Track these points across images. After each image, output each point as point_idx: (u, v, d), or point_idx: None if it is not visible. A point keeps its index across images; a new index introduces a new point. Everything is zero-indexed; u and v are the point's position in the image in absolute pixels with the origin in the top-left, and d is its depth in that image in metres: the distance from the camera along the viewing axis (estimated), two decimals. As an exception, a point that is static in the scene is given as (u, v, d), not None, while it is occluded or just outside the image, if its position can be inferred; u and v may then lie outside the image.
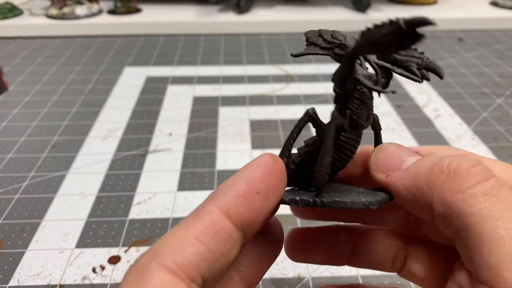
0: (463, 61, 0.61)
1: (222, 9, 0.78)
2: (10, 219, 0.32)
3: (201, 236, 0.12)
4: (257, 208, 0.14)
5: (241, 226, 0.13)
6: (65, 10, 0.74)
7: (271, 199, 0.14)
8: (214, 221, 0.12)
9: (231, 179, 0.14)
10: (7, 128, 0.44)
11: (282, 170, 0.15)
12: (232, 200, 0.13)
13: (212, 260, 0.12)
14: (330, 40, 0.17)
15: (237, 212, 0.13)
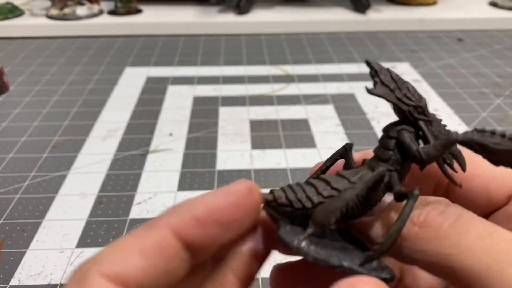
0: (463, 61, 0.61)
1: (222, 10, 0.79)
2: (11, 219, 0.32)
3: (146, 250, 0.12)
4: (212, 237, 0.13)
5: (191, 248, 0.13)
6: (66, 11, 0.74)
7: (231, 231, 0.14)
8: (162, 237, 0.12)
9: (196, 199, 0.14)
10: (7, 128, 0.45)
11: (254, 204, 0.14)
12: (186, 222, 0.13)
13: (154, 275, 0.12)
14: (407, 95, 0.14)
15: (188, 234, 0.13)
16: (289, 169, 0.38)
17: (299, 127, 0.44)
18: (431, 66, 0.60)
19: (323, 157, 0.39)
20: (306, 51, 0.66)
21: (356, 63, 0.61)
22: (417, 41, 0.70)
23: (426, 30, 0.75)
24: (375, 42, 0.69)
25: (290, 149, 0.41)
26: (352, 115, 0.47)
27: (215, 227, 0.13)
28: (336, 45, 0.68)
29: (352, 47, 0.67)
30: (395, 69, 0.59)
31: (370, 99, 0.51)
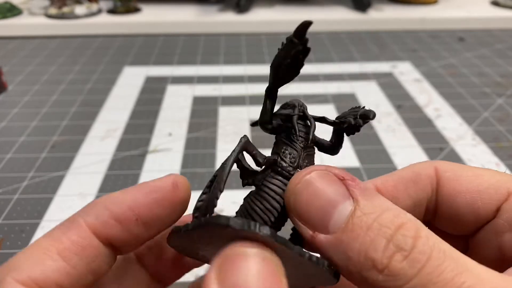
0: (464, 60, 0.61)
1: (222, 9, 0.78)
2: (9, 220, 0.32)
3: (65, 252, 0.12)
4: (134, 234, 0.13)
5: (113, 245, 0.13)
6: (65, 10, 0.74)
7: (154, 228, 0.13)
8: (81, 237, 0.12)
9: (116, 195, 0.13)
10: (6, 128, 0.44)
11: (179, 200, 0.14)
12: (104, 220, 0.13)
13: (75, 275, 0.12)
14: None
15: (108, 233, 0.12)
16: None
17: (299, 127, 0.44)
18: (432, 66, 0.60)
19: (323, 157, 0.39)
20: (307, 50, 0.65)
21: (357, 62, 0.61)
22: (418, 41, 0.69)
23: (427, 29, 0.74)
24: (376, 41, 0.69)
25: (291, 149, 0.40)
26: (353, 115, 0.46)
27: (136, 225, 0.13)
28: (336, 44, 0.68)
29: (352, 46, 0.67)
30: (396, 68, 0.59)
31: (371, 99, 0.50)
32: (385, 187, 0.16)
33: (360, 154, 0.39)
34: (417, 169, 0.16)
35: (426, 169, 0.16)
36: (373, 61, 0.61)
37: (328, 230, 0.12)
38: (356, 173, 0.37)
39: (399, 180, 0.16)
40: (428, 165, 0.16)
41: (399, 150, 0.40)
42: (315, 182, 0.13)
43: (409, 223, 0.11)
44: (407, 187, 0.16)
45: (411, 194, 0.16)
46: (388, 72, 0.58)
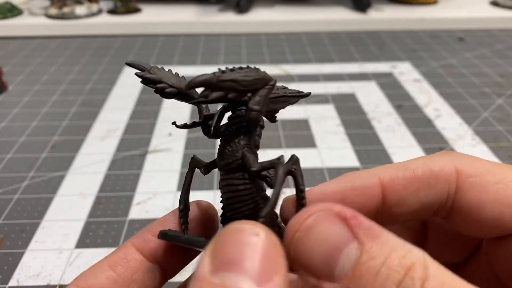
0: (464, 61, 0.61)
1: (222, 9, 0.78)
2: (9, 219, 0.32)
3: (113, 263, 0.15)
4: (168, 245, 0.15)
5: (154, 260, 0.15)
6: (65, 10, 0.74)
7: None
8: (126, 253, 0.15)
9: (154, 222, 0.16)
10: (6, 128, 0.44)
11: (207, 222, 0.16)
12: (143, 237, 0.15)
13: (122, 284, 0.14)
14: None
15: (147, 247, 0.15)
16: (290, 169, 0.37)
17: (299, 127, 0.44)
18: (432, 66, 0.60)
19: (323, 157, 0.39)
20: (306, 50, 0.66)
21: (357, 62, 0.61)
22: (418, 41, 0.69)
23: (427, 29, 0.74)
24: (375, 41, 0.69)
25: (290, 149, 0.40)
26: (353, 115, 0.47)
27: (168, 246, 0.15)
28: (336, 44, 0.68)
29: (352, 46, 0.67)
30: (396, 68, 0.59)
31: (371, 99, 0.50)
32: (394, 185, 0.14)
33: (359, 154, 0.39)
34: (434, 167, 0.14)
35: (445, 169, 0.14)
36: (373, 61, 0.61)
37: (334, 278, 0.11)
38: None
39: (411, 179, 0.14)
40: (448, 163, 0.14)
41: (399, 150, 0.41)
42: (316, 227, 0.12)
43: (417, 263, 0.11)
44: (419, 189, 0.14)
45: (422, 198, 0.14)
46: (388, 72, 0.58)
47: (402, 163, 0.15)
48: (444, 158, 0.15)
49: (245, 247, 0.11)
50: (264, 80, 0.15)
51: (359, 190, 0.14)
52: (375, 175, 0.15)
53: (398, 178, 0.15)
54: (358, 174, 0.15)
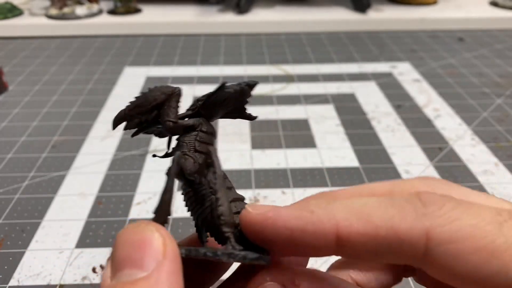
0: (463, 61, 0.61)
1: (222, 9, 0.78)
2: (10, 219, 0.32)
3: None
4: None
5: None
6: (65, 10, 0.74)
7: None
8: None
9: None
10: (7, 128, 0.44)
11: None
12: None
13: None
14: None
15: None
16: (289, 169, 0.38)
17: (299, 127, 0.44)
18: (431, 66, 0.60)
19: (323, 157, 0.39)
20: (306, 50, 0.66)
21: (356, 63, 0.61)
22: (418, 41, 0.70)
23: (426, 29, 0.75)
24: (375, 41, 0.69)
25: (290, 149, 0.40)
26: (352, 115, 0.47)
27: None
28: (336, 44, 0.68)
29: (352, 46, 0.67)
30: (395, 68, 0.59)
31: (370, 99, 0.50)
32: (350, 238, 0.12)
33: (359, 154, 0.40)
34: (400, 227, 0.12)
35: (413, 233, 0.12)
36: (373, 61, 0.61)
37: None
38: (356, 173, 0.37)
39: (372, 237, 0.12)
40: (419, 224, 0.12)
41: (399, 150, 0.41)
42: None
43: None
44: (380, 250, 0.12)
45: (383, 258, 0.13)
46: (387, 72, 0.58)
47: (366, 207, 0.13)
48: (414, 210, 0.12)
49: (131, 244, 0.12)
50: (164, 92, 0.16)
51: (311, 235, 0.13)
52: (334, 219, 0.13)
53: (357, 233, 0.12)
54: (317, 212, 0.13)
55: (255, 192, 0.35)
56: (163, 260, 0.12)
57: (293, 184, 0.35)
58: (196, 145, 0.16)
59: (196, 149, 0.16)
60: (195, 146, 0.16)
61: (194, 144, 0.16)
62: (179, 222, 0.32)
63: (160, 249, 0.12)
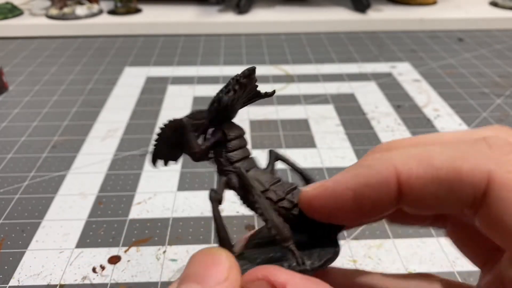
0: (463, 61, 0.61)
1: (222, 10, 0.79)
2: (10, 219, 0.32)
3: None
4: None
5: None
6: (65, 10, 0.74)
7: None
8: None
9: None
10: (7, 128, 0.45)
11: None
12: None
13: None
14: None
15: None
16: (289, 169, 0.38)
17: (299, 127, 0.44)
18: (431, 66, 0.60)
19: (323, 157, 0.39)
20: (306, 51, 0.66)
21: (356, 63, 0.61)
22: (417, 41, 0.70)
23: (426, 30, 0.75)
24: (375, 42, 0.69)
25: (290, 149, 0.41)
26: (352, 115, 0.47)
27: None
28: (336, 45, 0.68)
29: (352, 47, 0.67)
30: (395, 69, 0.59)
31: (370, 99, 0.51)
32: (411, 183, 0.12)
33: (359, 154, 0.40)
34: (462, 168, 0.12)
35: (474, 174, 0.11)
36: (372, 61, 0.61)
37: None
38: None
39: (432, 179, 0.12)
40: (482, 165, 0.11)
41: (398, 150, 0.41)
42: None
43: None
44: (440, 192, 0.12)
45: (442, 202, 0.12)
46: (387, 72, 0.58)
47: (427, 152, 0.12)
48: (479, 152, 0.12)
49: (200, 263, 0.13)
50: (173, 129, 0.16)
51: (373, 188, 0.13)
52: (392, 167, 0.13)
53: (417, 176, 0.12)
54: (374, 164, 0.13)
55: (255, 192, 0.35)
56: (224, 282, 0.12)
57: (293, 184, 0.36)
58: (230, 157, 0.16)
59: (231, 161, 0.16)
60: (230, 158, 0.16)
61: (227, 156, 0.16)
62: (179, 222, 0.32)
63: (224, 271, 0.12)
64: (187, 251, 0.29)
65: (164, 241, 0.30)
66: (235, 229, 0.31)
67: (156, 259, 0.28)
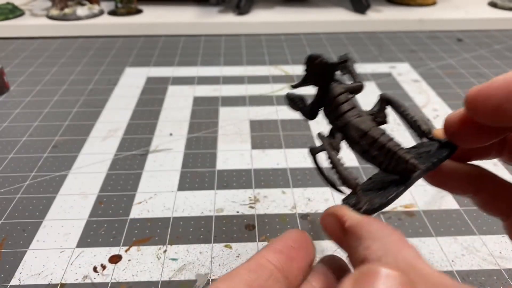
0: (462, 61, 0.61)
1: (222, 10, 0.79)
2: (11, 219, 0.32)
3: (247, 270, 0.16)
4: (293, 258, 0.17)
5: (282, 269, 0.16)
6: (66, 11, 0.74)
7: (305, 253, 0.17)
8: (259, 262, 0.16)
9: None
10: (8, 128, 0.45)
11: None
12: (273, 249, 0.17)
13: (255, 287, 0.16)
14: None
15: (276, 258, 0.16)
16: (289, 169, 0.38)
17: (299, 127, 0.44)
18: (430, 66, 0.60)
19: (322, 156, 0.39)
20: (306, 51, 0.66)
21: (356, 63, 0.61)
22: (417, 42, 0.70)
23: (425, 30, 0.75)
24: (374, 42, 0.70)
25: (290, 149, 0.41)
26: (352, 115, 0.47)
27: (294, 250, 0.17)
28: (336, 45, 0.69)
29: (352, 47, 0.68)
30: (394, 69, 0.59)
31: (370, 99, 0.51)
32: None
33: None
34: None
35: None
36: (372, 62, 0.62)
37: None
38: (356, 173, 0.37)
39: None
40: None
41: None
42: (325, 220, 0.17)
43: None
44: None
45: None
46: (386, 72, 0.58)
47: None
48: None
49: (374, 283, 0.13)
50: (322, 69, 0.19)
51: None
52: None
53: None
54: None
55: (255, 191, 0.35)
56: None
57: (293, 183, 0.36)
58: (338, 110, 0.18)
59: (340, 113, 0.18)
60: (338, 111, 0.18)
61: (335, 111, 0.18)
62: (180, 222, 0.32)
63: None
64: (187, 250, 0.29)
65: (165, 241, 0.30)
66: (235, 229, 0.31)
67: (157, 259, 0.29)
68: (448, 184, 0.20)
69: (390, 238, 0.14)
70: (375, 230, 0.14)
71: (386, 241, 0.14)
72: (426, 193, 0.35)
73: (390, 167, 0.17)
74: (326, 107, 0.18)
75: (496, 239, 0.30)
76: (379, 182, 0.18)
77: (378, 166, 0.18)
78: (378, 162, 0.17)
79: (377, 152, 0.17)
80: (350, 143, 0.18)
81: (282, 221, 0.32)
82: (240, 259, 0.28)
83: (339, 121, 0.18)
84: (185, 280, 0.27)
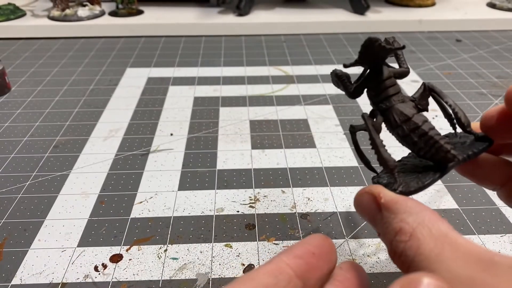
0: (461, 62, 0.62)
1: (222, 11, 0.79)
2: (12, 218, 0.32)
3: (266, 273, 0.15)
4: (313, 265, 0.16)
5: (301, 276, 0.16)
6: (67, 12, 0.74)
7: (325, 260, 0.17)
8: (278, 266, 0.16)
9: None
10: (10, 128, 0.45)
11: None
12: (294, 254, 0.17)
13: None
14: None
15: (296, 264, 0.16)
16: (289, 168, 0.38)
17: (298, 127, 0.45)
18: (429, 67, 0.60)
19: (322, 157, 0.40)
20: (306, 52, 0.66)
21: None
22: (416, 42, 0.70)
23: (424, 31, 0.75)
24: (374, 43, 0.70)
25: (290, 149, 0.41)
26: (351, 115, 0.47)
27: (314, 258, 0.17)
28: (335, 46, 0.69)
29: (351, 48, 0.68)
30: (394, 70, 0.59)
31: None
32: None
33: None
34: None
35: None
36: (372, 62, 0.62)
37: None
38: (355, 173, 0.37)
39: None
40: None
41: (397, 150, 0.41)
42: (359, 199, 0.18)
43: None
44: None
45: None
46: (386, 73, 0.58)
47: None
48: None
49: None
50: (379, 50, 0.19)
51: None
52: None
53: None
54: None
55: (255, 191, 0.35)
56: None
57: (293, 183, 0.36)
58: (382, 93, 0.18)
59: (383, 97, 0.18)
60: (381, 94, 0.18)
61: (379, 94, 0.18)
62: (180, 221, 0.32)
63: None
64: (188, 249, 0.29)
65: (165, 240, 0.30)
66: (235, 228, 0.31)
67: (158, 258, 0.29)
68: (477, 175, 0.20)
69: (424, 213, 0.15)
70: (410, 206, 0.15)
71: (420, 215, 0.14)
72: (425, 192, 0.35)
73: (428, 154, 0.18)
74: (372, 88, 0.19)
75: (495, 238, 0.30)
76: (411, 166, 0.19)
77: (416, 152, 0.18)
78: (417, 148, 0.18)
79: (418, 138, 0.18)
80: (391, 126, 0.18)
81: (282, 221, 0.32)
82: (240, 258, 0.29)
83: (383, 103, 0.18)
84: (185, 279, 0.27)
